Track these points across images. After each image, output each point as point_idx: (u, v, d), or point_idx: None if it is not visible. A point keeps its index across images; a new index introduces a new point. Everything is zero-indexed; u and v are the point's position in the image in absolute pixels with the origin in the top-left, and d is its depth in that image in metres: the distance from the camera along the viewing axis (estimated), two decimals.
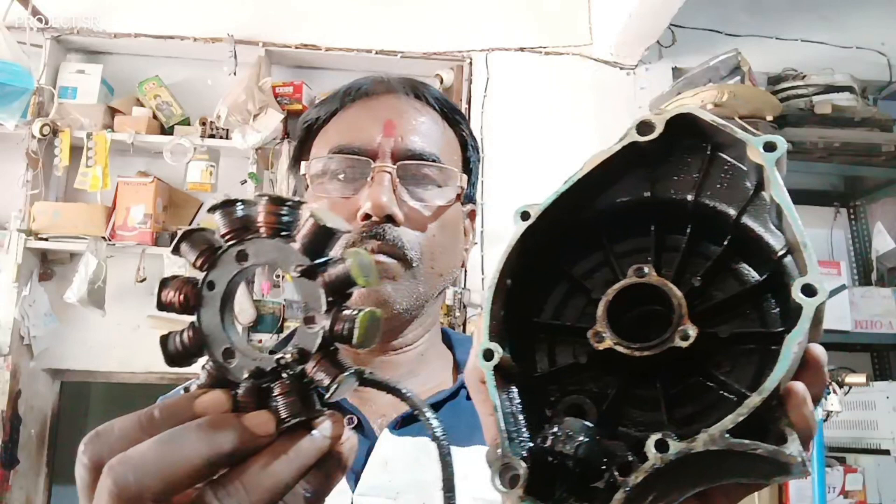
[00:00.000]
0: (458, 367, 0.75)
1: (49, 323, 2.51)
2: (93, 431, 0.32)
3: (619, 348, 0.35)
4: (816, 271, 0.32)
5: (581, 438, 0.33)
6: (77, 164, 2.52)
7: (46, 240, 2.47)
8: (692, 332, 0.34)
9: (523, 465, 0.33)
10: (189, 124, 2.67)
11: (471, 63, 2.85)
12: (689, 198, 0.39)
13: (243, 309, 2.42)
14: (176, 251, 0.36)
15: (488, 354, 0.36)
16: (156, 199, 2.52)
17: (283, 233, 0.34)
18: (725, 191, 0.39)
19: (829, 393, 1.85)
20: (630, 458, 0.33)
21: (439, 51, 2.83)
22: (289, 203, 0.34)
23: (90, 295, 2.36)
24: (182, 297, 0.35)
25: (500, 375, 0.37)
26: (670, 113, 0.37)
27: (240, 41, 2.69)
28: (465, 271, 2.60)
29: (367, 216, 0.63)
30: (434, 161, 0.68)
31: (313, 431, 0.32)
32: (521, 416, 0.37)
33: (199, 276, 0.36)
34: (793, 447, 0.31)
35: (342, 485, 0.58)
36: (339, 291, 0.33)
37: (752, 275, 0.38)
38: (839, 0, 3.04)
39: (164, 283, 0.36)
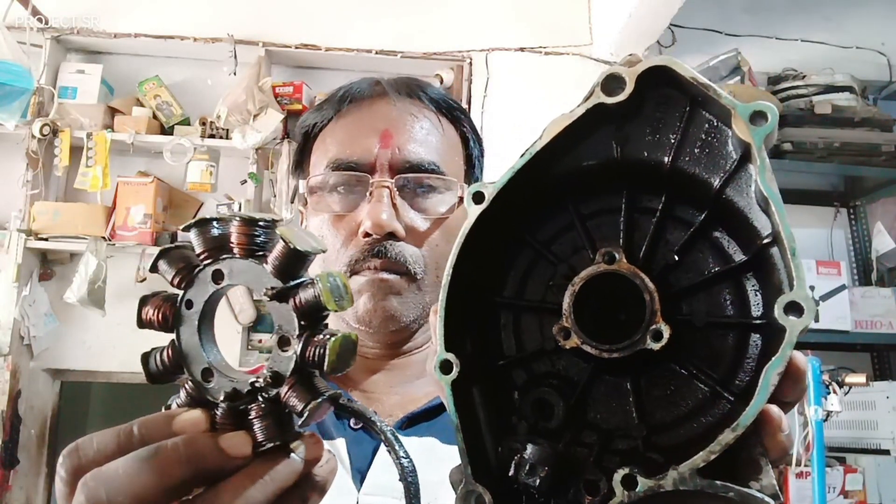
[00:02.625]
0: None
1: (49, 323, 2.51)
2: (73, 444, 0.32)
3: (587, 348, 0.33)
4: (805, 286, 0.29)
5: (543, 470, 0.32)
6: (77, 164, 2.52)
7: (46, 240, 2.46)
8: (665, 332, 0.32)
9: (488, 495, 0.33)
10: (189, 124, 2.67)
11: (471, 63, 2.85)
12: (666, 160, 0.35)
13: (243, 309, 2.42)
14: (154, 269, 0.36)
15: (446, 367, 0.34)
16: (156, 199, 2.52)
17: (258, 253, 0.34)
18: (706, 156, 0.34)
19: (828, 393, 1.85)
20: (596, 479, 0.32)
21: (439, 51, 2.83)
22: (261, 223, 0.33)
23: (90, 295, 2.36)
24: (161, 315, 0.35)
25: (463, 379, 0.34)
26: (643, 65, 0.33)
27: (240, 41, 2.69)
28: None
29: (367, 234, 0.63)
30: (433, 170, 0.67)
31: (291, 455, 0.32)
32: (484, 429, 0.35)
33: (178, 294, 0.36)
34: (766, 479, 0.29)
35: (348, 484, 0.58)
36: (312, 315, 0.32)
37: (734, 249, 0.34)
38: (839, 0, 3.04)
39: (144, 301, 0.36)
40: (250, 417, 0.32)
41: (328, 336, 0.32)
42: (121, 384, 2.68)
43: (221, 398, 0.32)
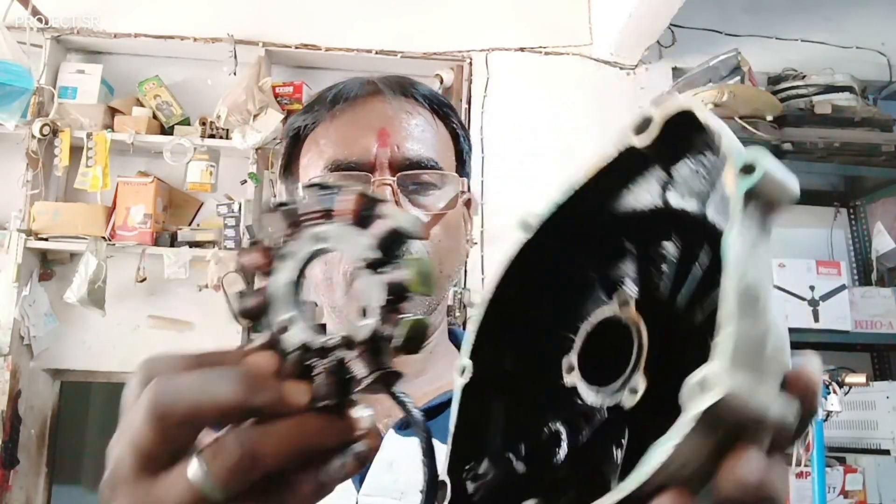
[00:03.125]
0: None
1: (49, 323, 2.51)
2: (151, 355, 0.34)
3: (580, 387, 0.34)
4: (725, 361, 0.25)
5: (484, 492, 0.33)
6: (77, 164, 2.52)
7: (46, 240, 2.46)
8: (641, 387, 0.31)
9: (447, 488, 0.34)
10: (189, 124, 2.67)
11: (471, 63, 2.85)
12: (698, 209, 0.33)
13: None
14: (265, 217, 0.37)
15: (461, 370, 0.36)
16: (156, 199, 2.52)
17: (361, 225, 0.35)
18: (724, 206, 0.31)
19: (829, 393, 1.85)
20: None
21: (439, 51, 2.83)
22: (372, 199, 0.35)
23: (90, 295, 2.36)
24: (261, 260, 0.37)
25: (479, 387, 0.36)
26: (670, 108, 0.32)
27: (240, 41, 2.69)
28: (465, 272, 2.60)
29: None
30: (432, 166, 0.67)
31: (346, 416, 0.33)
32: (490, 438, 0.36)
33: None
34: None
35: (346, 484, 0.58)
36: (396, 294, 0.33)
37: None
38: (839, 0, 3.04)
39: (245, 250, 0.37)
40: (313, 374, 0.33)
41: (406, 316, 0.33)
42: (121, 384, 2.64)
43: (291, 349, 0.34)
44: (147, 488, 0.31)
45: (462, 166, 0.74)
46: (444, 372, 0.72)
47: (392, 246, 0.34)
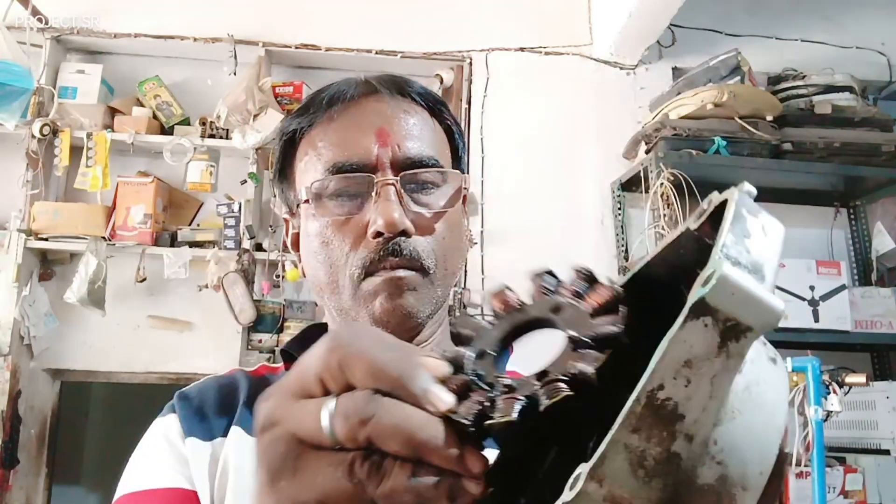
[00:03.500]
0: None
1: (49, 323, 2.51)
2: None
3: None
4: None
5: None
6: (77, 164, 2.52)
7: (46, 240, 2.47)
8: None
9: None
10: (189, 124, 2.67)
11: (471, 63, 2.85)
12: None
13: (243, 309, 2.42)
14: (536, 276, 0.39)
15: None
16: (156, 199, 2.52)
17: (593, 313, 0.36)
18: None
19: (828, 393, 1.85)
20: None
21: (439, 51, 2.83)
22: (615, 295, 0.35)
23: (90, 295, 2.36)
24: (506, 305, 0.39)
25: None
26: (718, 197, 0.32)
27: (240, 41, 2.69)
28: (466, 272, 2.60)
29: (378, 233, 0.62)
30: (434, 164, 0.67)
31: (469, 448, 0.32)
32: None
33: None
34: None
35: None
36: (572, 381, 0.32)
37: None
38: (839, 0, 3.04)
39: (498, 293, 0.40)
40: (471, 394, 0.34)
41: (563, 389, 0.32)
42: (121, 384, 2.68)
43: (464, 370, 0.35)
44: (289, 402, 0.33)
45: (458, 163, 0.74)
46: None
47: (603, 344, 0.33)
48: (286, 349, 0.72)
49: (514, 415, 0.31)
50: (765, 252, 0.29)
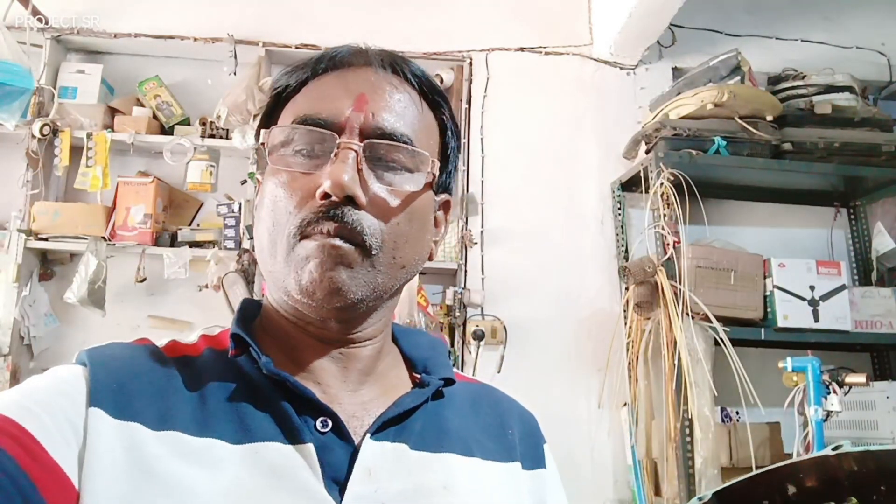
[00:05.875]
0: (410, 364, 0.70)
1: (49, 323, 2.51)
2: None
3: None
4: None
5: None
6: (77, 164, 2.52)
7: (46, 240, 2.47)
8: None
9: None
10: (189, 124, 2.67)
11: (471, 63, 2.85)
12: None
13: None
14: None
15: None
16: (156, 199, 2.52)
17: None
18: None
19: (828, 393, 1.85)
20: None
21: (439, 51, 2.84)
22: None
23: (90, 295, 2.36)
24: None
25: None
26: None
27: (240, 41, 2.69)
28: (466, 271, 2.60)
29: (326, 195, 0.57)
30: (406, 143, 0.62)
31: None
32: None
33: None
34: None
35: (321, 493, 0.54)
36: None
37: None
38: (839, 0, 3.04)
39: None
40: None
41: None
42: None
43: None
44: None
45: (446, 163, 0.69)
46: (391, 370, 0.68)
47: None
48: (236, 332, 0.62)
49: None
50: None
